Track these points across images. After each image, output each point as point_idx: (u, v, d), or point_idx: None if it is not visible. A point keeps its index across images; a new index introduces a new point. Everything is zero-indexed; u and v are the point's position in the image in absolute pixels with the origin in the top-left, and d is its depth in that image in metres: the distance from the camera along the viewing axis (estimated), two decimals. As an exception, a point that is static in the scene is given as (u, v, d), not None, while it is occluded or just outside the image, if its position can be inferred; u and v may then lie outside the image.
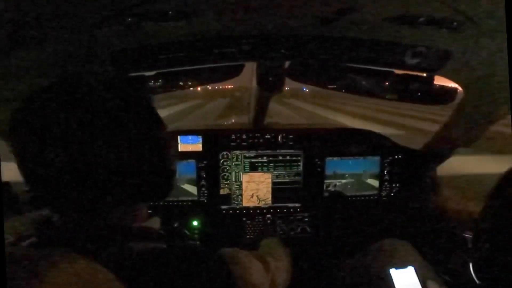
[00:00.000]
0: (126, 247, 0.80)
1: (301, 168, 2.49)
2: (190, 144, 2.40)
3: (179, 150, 2.38)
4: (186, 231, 1.99)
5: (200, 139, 2.41)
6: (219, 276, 0.87)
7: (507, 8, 0.80)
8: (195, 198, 2.44)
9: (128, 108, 0.84)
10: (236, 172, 2.46)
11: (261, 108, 2.40)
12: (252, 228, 2.50)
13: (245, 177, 2.47)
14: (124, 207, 0.88)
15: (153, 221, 0.97)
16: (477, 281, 1.14)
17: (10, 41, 1.02)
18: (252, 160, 2.45)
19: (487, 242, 1.09)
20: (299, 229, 2.54)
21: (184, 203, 2.44)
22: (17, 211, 1.58)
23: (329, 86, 2.15)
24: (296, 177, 2.50)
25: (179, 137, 2.38)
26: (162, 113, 0.95)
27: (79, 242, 0.79)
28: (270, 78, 1.95)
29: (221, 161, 2.43)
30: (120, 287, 0.70)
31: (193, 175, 2.42)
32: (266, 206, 2.52)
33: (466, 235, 1.72)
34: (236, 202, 2.49)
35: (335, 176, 2.52)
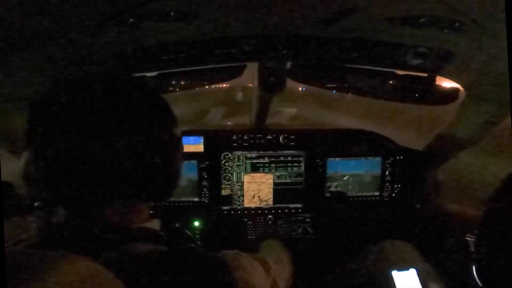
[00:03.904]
0: (126, 248, 0.80)
1: (302, 168, 2.49)
2: (191, 145, 2.40)
3: None
4: (187, 232, 1.99)
5: (201, 139, 2.41)
6: (220, 279, 0.87)
7: (507, 9, 0.80)
8: (197, 199, 2.44)
9: (138, 108, 0.85)
10: (237, 173, 2.46)
11: (263, 109, 2.39)
12: (253, 229, 2.50)
13: (246, 178, 2.46)
14: (126, 206, 0.88)
15: (153, 222, 0.97)
16: (479, 284, 1.13)
17: (11, 41, 1.03)
18: (254, 161, 2.45)
19: (489, 245, 1.08)
20: (300, 230, 2.54)
21: (186, 204, 2.44)
22: (17, 211, 1.58)
23: (331, 87, 2.15)
24: (298, 178, 2.50)
25: None
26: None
27: (80, 242, 0.79)
28: (272, 79, 1.94)
29: (223, 162, 2.43)
30: None
31: (195, 176, 2.42)
32: (268, 206, 2.51)
33: (468, 238, 1.72)
34: (237, 203, 2.49)
35: (337, 176, 2.51)
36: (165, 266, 0.79)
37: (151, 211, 0.99)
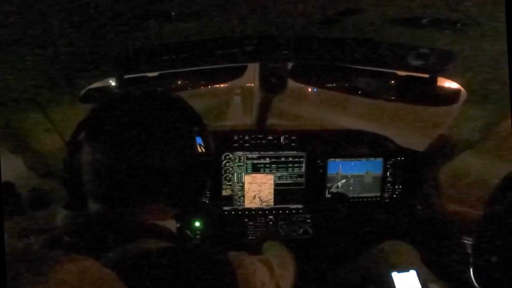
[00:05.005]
0: (133, 245, 0.81)
1: (303, 169, 2.49)
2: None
3: None
4: (188, 232, 1.99)
5: (202, 140, 2.40)
6: (224, 279, 0.88)
7: (507, 9, 0.80)
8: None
9: (174, 120, 0.96)
10: (238, 173, 2.45)
11: (264, 109, 2.39)
12: (254, 229, 2.49)
13: (247, 178, 2.46)
14: (158, 205, 0.95)
15: (169, 222, 0.99)
16: (477, 286, 1.13)
17: (14, 41, 1.03)
18: (255, 161, 2.45)
19: (487, 247, 1.08)
20: (301, 231, 2.54)
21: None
22: (18, 211, 1.59)
23: (332, 87, 2.15)
24: (299, 179, 2.50)
25: None
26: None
27: (95, 236, 0.83)
28: (273, 79, 1.94)
29: (224, 162, 2.43)
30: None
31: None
32: (268, 207, 2.51)
33: (465, 241, 1.72)
34: (238, 203, 2.49)
35: (338, 177, 2.51)
36: (169, 264, 0.80)
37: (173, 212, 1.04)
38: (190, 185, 0.97)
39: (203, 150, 0.99)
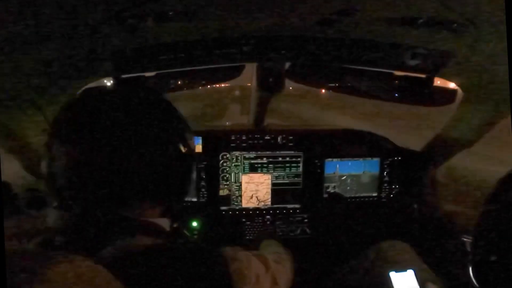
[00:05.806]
0: (128, 242, 0.81)
1: (300, 169, 2.49)
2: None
3: None
4: (186, 232, 1.99)
5: (200, 140, 2.40)
6: (219, 274, 0.88)
7: (507, 9, 0.80)
8: (195, 199, 2.44)
9: (153, 114, 0.92)
10: (235, 173, 2.45)
11: (261, 109, 2.39)
12: (251, 229, 2.49)
13: (244, 178, 2.46)
14: (143, 203, 0.93)
15: (161, 220, 0.99)
16: (476, 285, 1.13)
17: (11, 41, 1.03)
18: (252, 161, 2.45)
19: (486, 245, 1.09)
20: (298, 231, 2.54)
21: (184, 204, 2.43)
22: (17, 211, 1.58)
23: (329, 87, 2.15)
24: (296, 178, 2.50)
25: None
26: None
27: (89, 235, 0.82)
28: (270, 79, 1.95)
29: (221, 162, 2.43)
30: (120, 287, 0.71)
31: (193, 176, 2.40)
32: (266, 207, 2.51)
33: (465, 239, 1.72)
34: (235, 203, 2.49)
35: (335, 177, 2.52)
36: (164, 261, 0.80)
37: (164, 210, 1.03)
38: (171, 184, 0.95)
39: (184, 149, 0.96)
